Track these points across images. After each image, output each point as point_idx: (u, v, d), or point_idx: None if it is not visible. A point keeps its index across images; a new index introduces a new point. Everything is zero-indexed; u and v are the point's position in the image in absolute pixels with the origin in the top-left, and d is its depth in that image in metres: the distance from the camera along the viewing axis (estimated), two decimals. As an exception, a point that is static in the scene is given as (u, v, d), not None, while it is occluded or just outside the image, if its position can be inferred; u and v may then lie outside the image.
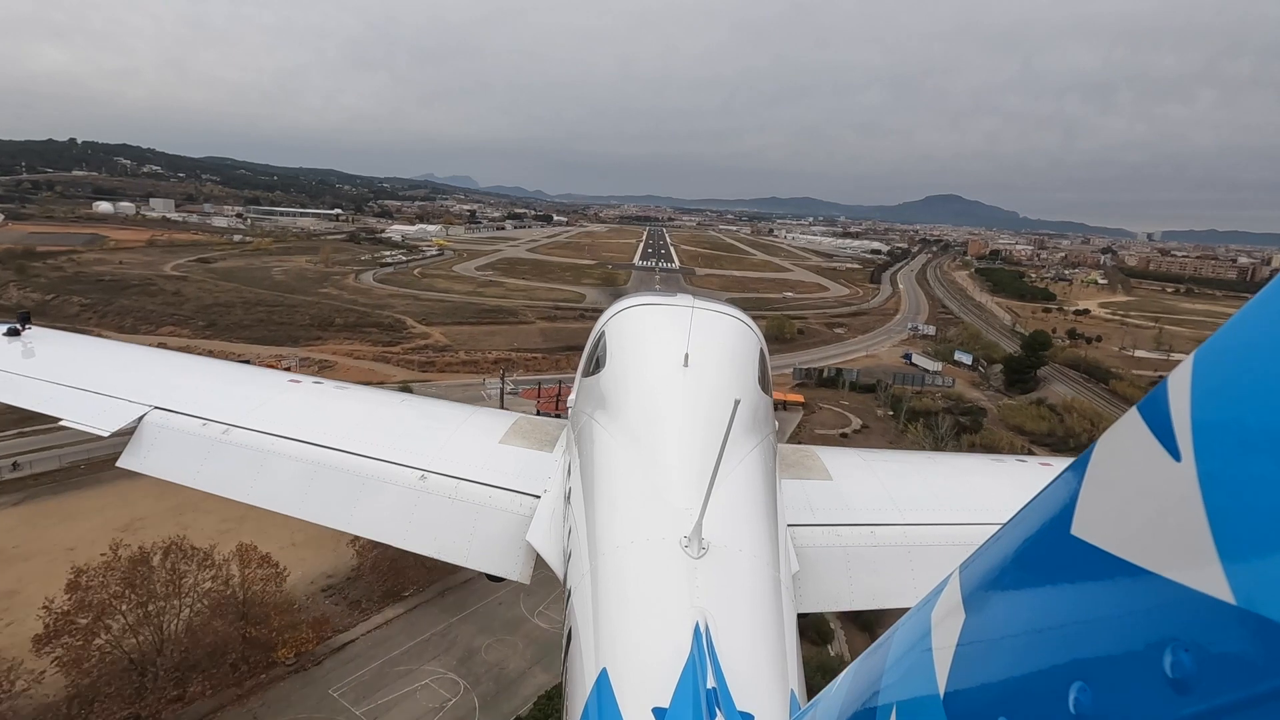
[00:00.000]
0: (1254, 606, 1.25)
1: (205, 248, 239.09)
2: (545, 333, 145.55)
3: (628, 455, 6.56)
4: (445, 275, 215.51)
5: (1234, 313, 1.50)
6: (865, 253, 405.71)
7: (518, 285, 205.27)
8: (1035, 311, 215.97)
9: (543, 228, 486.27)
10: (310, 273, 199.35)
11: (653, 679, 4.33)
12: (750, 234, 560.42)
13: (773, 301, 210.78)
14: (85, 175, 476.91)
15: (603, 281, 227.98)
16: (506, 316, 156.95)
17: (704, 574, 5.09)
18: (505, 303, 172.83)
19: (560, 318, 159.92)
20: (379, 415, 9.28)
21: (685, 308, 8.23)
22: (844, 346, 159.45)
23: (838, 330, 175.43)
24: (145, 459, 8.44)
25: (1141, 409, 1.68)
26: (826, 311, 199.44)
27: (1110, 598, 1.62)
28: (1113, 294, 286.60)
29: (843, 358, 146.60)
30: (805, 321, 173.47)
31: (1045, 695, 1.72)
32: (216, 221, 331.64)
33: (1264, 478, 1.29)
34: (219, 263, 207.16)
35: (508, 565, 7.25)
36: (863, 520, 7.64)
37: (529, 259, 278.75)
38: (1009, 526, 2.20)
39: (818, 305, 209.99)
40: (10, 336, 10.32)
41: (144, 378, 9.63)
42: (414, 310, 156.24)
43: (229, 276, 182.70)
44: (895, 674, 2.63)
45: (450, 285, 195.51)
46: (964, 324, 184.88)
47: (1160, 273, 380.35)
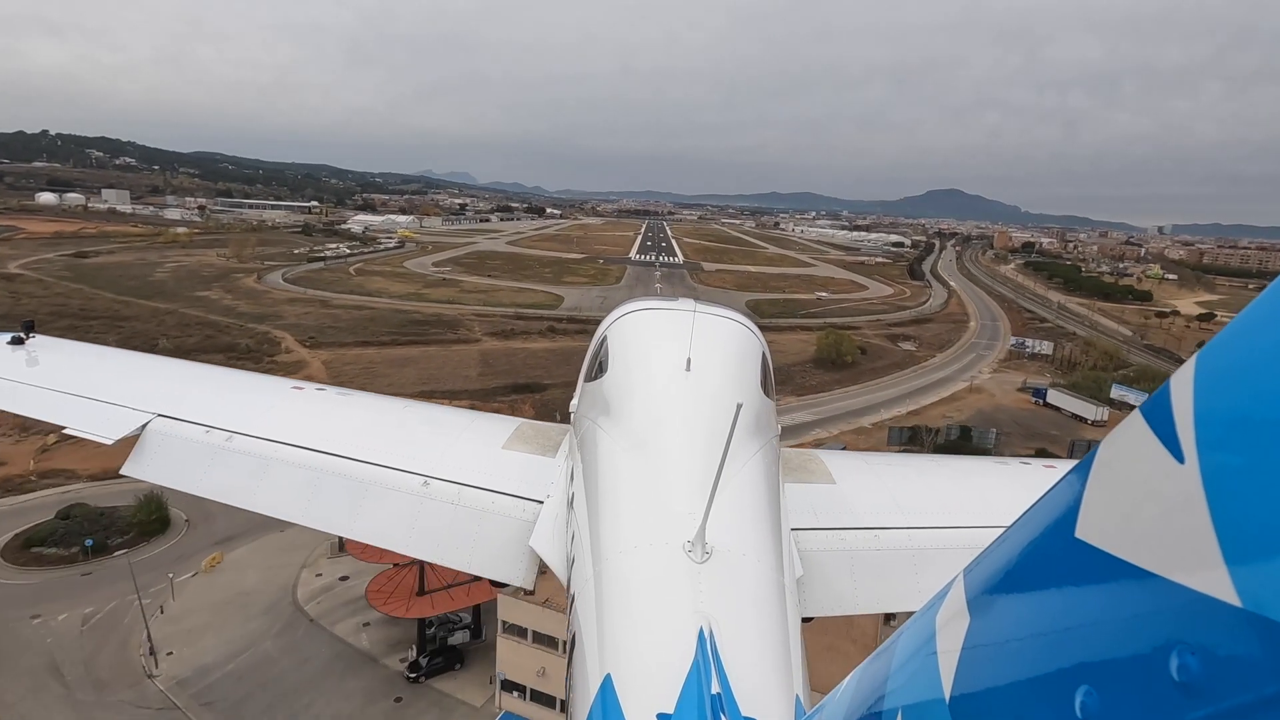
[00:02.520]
0: (1260, 609, 1.21)
1: (111, 239, 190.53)
2: (488, 358, 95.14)
3: (630, 460, 6.36)
4: (389, 273, 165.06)
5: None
6: (888, 245, 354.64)
7: (478, 286, 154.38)
8: (1147, 315, 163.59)
9: (533, 220, 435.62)
10: (207, 271, 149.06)
11: (657, 684, 4.23)
12: (755, 228, 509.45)
13: (806, 304, 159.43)
14: (45, 167, 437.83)
15: (591, 279, 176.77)
16: (440, 332, 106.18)
17: (708, 579, 4.93)
18: (449, 310, 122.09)
19: (517, 333, 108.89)
20: (382, 421, 8.97)
21: (687, 312, 7.84)
22: (925, 372, 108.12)
23: (904, 345, 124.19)
24: (149, 466, 8.19)
25: (1145, 411, 1.63)
26: (879, 318, 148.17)
27: (1115, 601, 1.58)
28: (1194, 292, 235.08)
29: (935, 393, 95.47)
30: (860, 333, 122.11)
31: (1051, 699, 1.67)
32: (169, 214, 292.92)
33: (1268, 480, 1.25)
34: (99, 258, 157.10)
35: (511, 571, 6.99)
36: (867, 524, 7.37)
37: (505, 253, 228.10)
38: (1013, 530, 2.13)
39: (864, 309, 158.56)
40: (14, 345, 10.08)
41: (147, 385, 9.31)
42: (308, 323, 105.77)
43: (91, 276, 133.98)
44: (900, 678, 2.55)
45: (387, 286, 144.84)
46: (1080, 338, 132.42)
47: (1222, 267, 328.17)
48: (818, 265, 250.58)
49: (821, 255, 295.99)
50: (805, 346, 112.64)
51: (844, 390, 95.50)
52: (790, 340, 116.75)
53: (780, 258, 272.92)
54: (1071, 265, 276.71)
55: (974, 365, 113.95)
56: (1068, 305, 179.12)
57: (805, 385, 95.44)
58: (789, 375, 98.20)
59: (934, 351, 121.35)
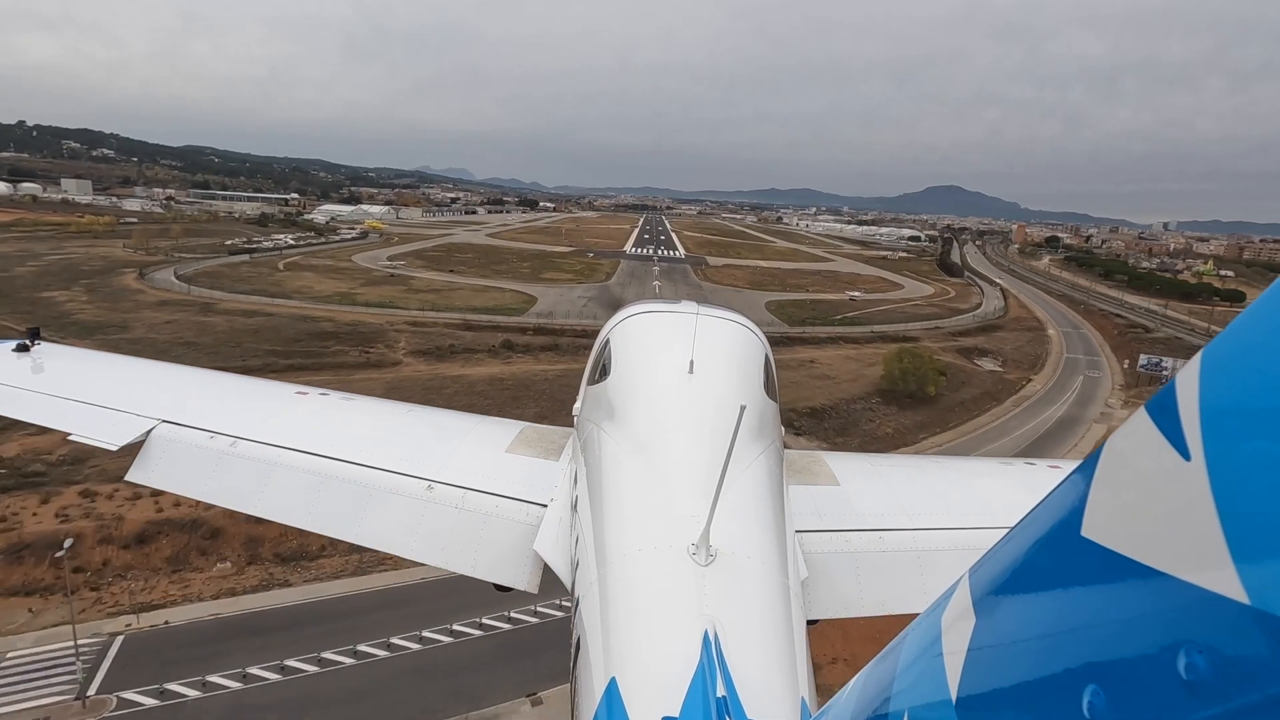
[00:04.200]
0: (1268, 607, 1.18)
1: (16, 229, 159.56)
2: (400, 392, 62.07)
3: (634, 463, 6.26)
4: (326, 268, 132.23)
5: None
6: (904, 240, 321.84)
7: (432, 284, 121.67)
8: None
9: (524, 213, 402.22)
10: (92, 265, 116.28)
11: (662, 687, 4.17)
12: (757, 222, 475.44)
13: (838, 307, 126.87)
14: (10, 156, 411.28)
15: (576, 276, 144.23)
16: (345, 351, 73.25)
17: (712, 581, 4.87)
18: (375, 318, 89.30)
19: (457, 352, 75.82)
20: (386, 426, 8.80)
21: (690, 314, 7.77)
22: (1031, 405, 75.40)
23: (985, 364, 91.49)
24: (154, 472, 8.05)
25: (1150, 409, 1.59)
26: (936, 325, 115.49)
27: (1122, 600, 1.53)
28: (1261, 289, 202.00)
29: (1064, 440, 63.24)
30: (920, 346, 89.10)
31: (1059, 699, 1.63)
32: (128, 204, 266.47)
33: (1275, 477, 1.22)
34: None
35: (515, 575, 6.84)
36: (871, 525, 7.24)
37: (482, 245, 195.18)
38: (1018, 529, 2.08)
39: (911, 313, 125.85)
40: (20, 352, 9.91)
41: (152, 392, 9.15)
42: (159, 337, 73.78)
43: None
44: (906, 680, 2.49)
45: (313, 284, 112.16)
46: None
47: (1267, 263, 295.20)
48: (836, 260, 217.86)
49: (836, 250, 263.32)
50: (858, 368, 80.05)
51: (935, 440, 62.97)
52: (835, 358, 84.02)
53: (792, 252, 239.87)
54: (1115, 260, 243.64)
55: (1091, 393, 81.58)
56: (1152, 308, 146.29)
57: (878, 433, 62.67)
58: (849, 416, 65.41)
59: (1026, 372, 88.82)
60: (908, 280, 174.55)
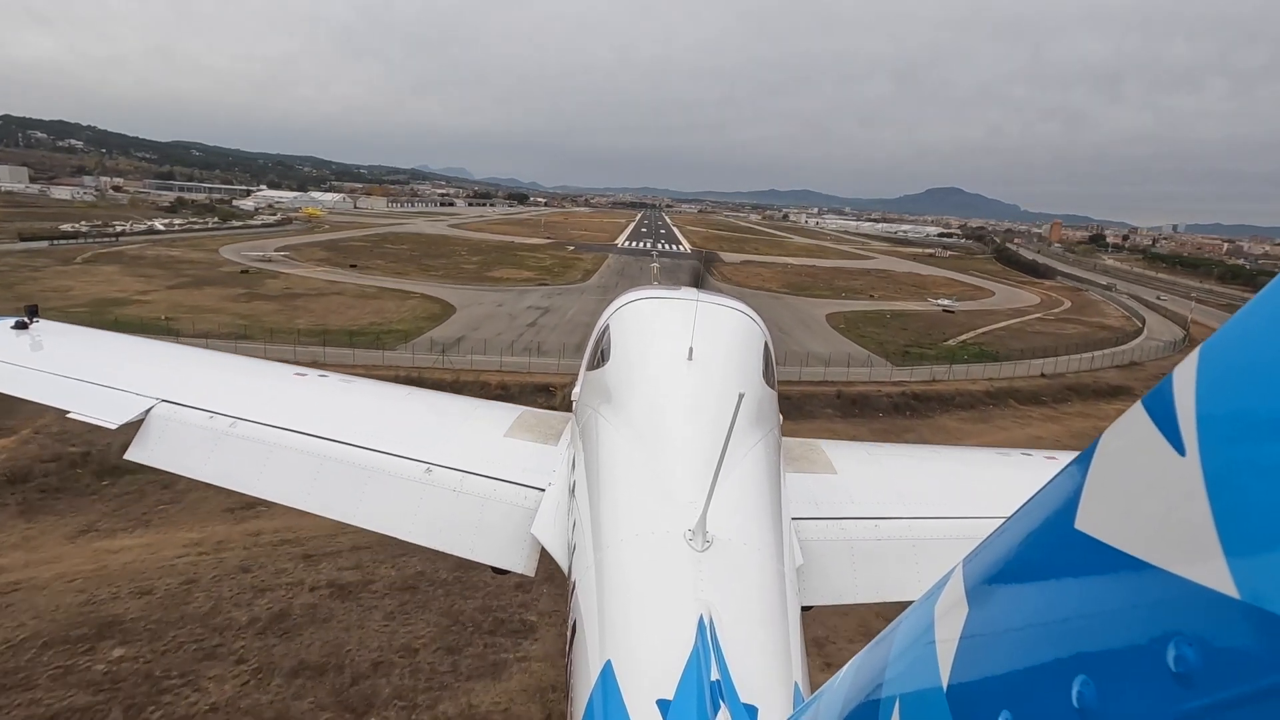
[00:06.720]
0: (1258, 601, 1.17)
1: None
2: None
3: (632, 449, 6.22)
4: (151, 260, 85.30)
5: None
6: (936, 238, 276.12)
7: (300, 285, 75.02)
8: None
9: (510, 207, 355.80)
10: None
11: (657, 671, 4.15)
12: (761, 220, 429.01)
13: (936, 323, 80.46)
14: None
15: (540, 275, 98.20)
16: None
17: (708, 567, 4.86)
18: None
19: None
20: (385, 408, 8.72)
21: (689, 301, 7.74)
22: None
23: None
24: (153, 451, 7.95)
25: (1146, 403, 1.57)
26: (1119, 357, 68.81)
27: (1114, 592, 1.52)
28: None
29: None
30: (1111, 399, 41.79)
31: (1048, 689, 1.61)
32: (57, 193, 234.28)
33: (1268, 472, 1.22)
34: None
35: (512, 558, 6.81)
36: (867, 514, 7.19)
37: (430, 235, 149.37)
38: (1013, 520, 2.05)
39: (1054, 334, 79.11)
40: (19, 329, 9.75)
41: (151, 371, 8.97)
42: None
43: None
44: (898, 667, 2.45)
45: (84, 287, 65.32)
46: None
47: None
48: (875, 258, 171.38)
49: (864, 245, 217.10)
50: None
51: None
52: (1026, 440, 37.54)
53: (819, 248, 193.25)
54: (1220, 262, 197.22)
55: None
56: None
57: None
58: None
59: None
60: (989, 283, 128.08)
